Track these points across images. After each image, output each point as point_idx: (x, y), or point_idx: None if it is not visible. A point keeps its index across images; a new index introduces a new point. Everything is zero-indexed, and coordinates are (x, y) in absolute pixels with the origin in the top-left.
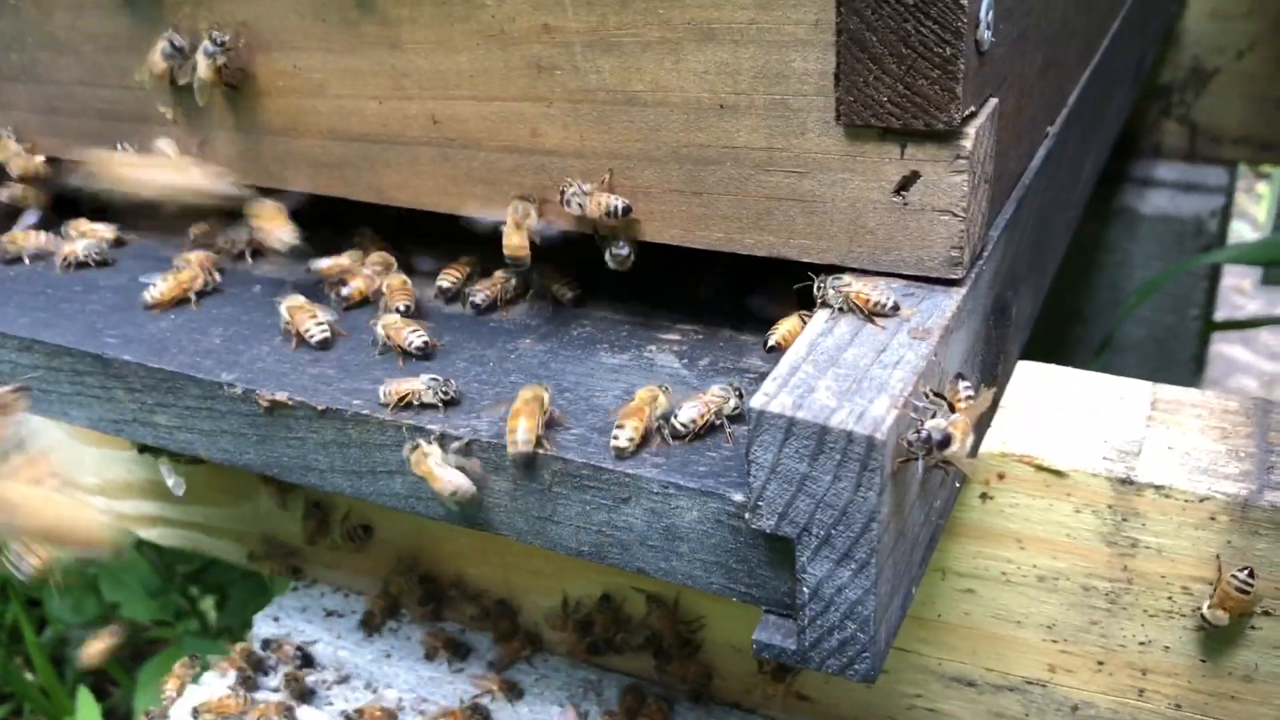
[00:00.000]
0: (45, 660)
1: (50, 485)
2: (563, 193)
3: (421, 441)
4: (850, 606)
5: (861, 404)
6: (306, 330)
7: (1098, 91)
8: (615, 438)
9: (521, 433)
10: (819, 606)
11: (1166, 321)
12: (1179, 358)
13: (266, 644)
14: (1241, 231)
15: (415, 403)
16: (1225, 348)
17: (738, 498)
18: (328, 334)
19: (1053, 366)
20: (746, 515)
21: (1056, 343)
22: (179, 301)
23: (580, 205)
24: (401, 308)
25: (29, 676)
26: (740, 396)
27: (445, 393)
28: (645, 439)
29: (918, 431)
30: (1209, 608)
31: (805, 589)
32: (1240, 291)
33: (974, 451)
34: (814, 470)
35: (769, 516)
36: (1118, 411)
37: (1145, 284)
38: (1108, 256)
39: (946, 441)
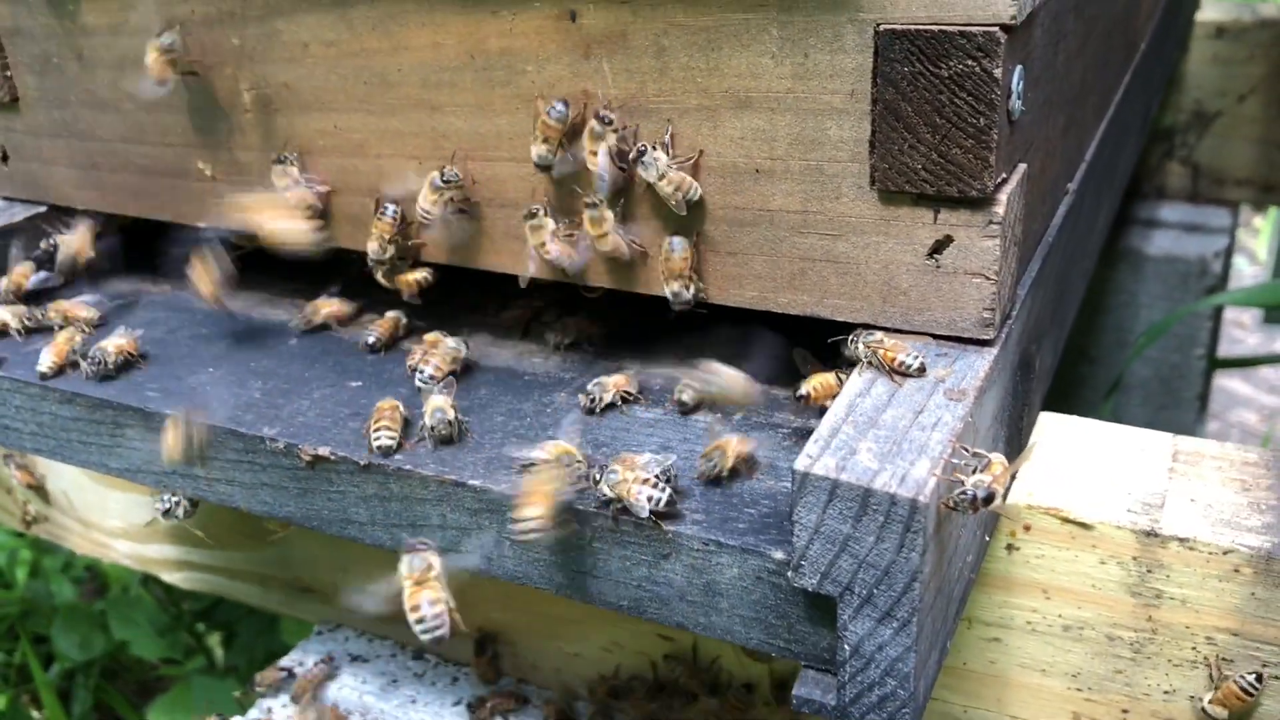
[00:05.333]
0: (53, 698)
1: None
2: None
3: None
4: (891, 663)
5: (903, 466)
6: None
7: (1112, 143)
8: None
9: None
10: (860, 663)
11: (1172, 361)
12: (1185, 396)
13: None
14: (1240, 266)
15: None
16: (1226, 381)
17: (778, 555)
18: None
19: (1073, 418)
20: (789, 574)
21: (1064, 382)
22: None
23: None
24: None
25: (35, 715)
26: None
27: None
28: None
29: (962, 491)
30: (1209, 702)
31: (846, 646)
32: (1240, 326)
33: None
34: (857, 531)
35: (812, 575)
36: (1140, 463)
37: (1154, 326)
38: (1113, 297)
39: (990, 498)
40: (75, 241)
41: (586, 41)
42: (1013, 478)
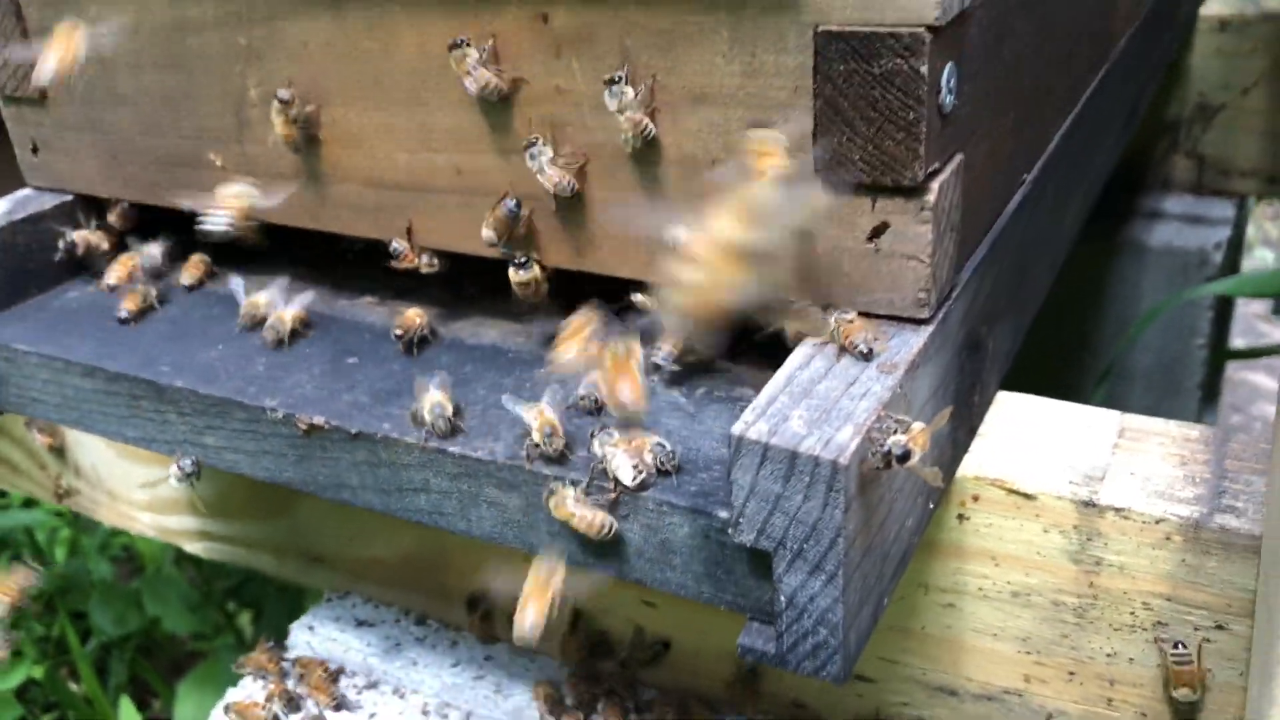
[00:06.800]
0: (90, 670)
1: None
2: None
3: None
4: (822, 614)
5: (829, 431)
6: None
7: (1082, 137)
8: None
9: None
10: (794, 613)
11: (1173, 350)
12: (1186, 385)
13: (294, 662)
14: (1266, 259)
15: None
16: (1249, 375)
17: (723, 514)
18: None
19: (1029, 397)
20: (730, 530)
21: (1065, 370)
22: None
23: None
24: None
25: (73, 687)
26: None
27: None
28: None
29: (881, 446)
30: (1174, 691)
31: (782, 597)
32: (1265, 320)
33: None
34: (787, 490)
35: (749, 532)
36: (1086, 439)
37: (1145, 315)
38: (1115, 288)
39: (906, 455)
40: (93, 237)
41: (557, 42)
42: (959, 446)
